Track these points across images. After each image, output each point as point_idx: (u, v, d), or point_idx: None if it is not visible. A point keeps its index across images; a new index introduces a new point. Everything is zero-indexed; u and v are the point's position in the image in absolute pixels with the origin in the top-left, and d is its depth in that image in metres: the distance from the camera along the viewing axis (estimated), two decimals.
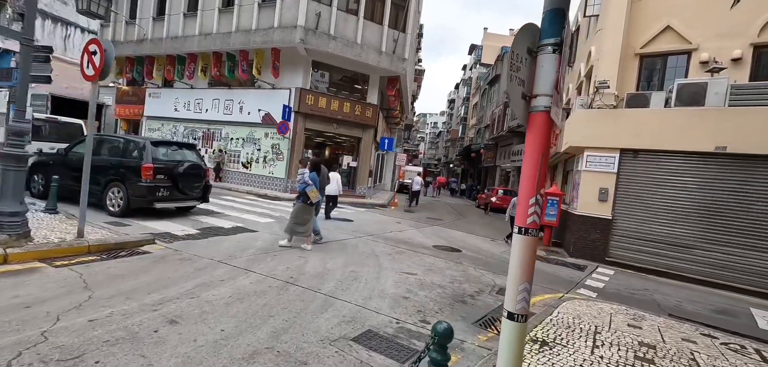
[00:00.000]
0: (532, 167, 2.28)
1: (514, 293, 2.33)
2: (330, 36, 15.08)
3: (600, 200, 9.52)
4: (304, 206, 6.90)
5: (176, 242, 6.38)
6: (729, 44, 9.10)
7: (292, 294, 4.60)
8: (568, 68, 17.06)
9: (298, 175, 7.00)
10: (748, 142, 7.89)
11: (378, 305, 4.65)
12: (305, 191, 6.85)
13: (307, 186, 6.85)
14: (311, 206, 6.93)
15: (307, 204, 6.89)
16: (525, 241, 2.30)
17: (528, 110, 2.34)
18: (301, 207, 6.92)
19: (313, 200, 6.83)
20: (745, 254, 8.10)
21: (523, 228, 2.30)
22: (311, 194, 6.81)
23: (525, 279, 2.32)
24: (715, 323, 5.82)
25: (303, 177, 6.98)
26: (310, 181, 6.92)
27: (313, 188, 6.85)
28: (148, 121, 20.36)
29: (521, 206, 2.32)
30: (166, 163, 8.10)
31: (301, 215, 6.91)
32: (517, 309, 2.34)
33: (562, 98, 2.47)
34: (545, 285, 6.80)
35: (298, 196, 6.97)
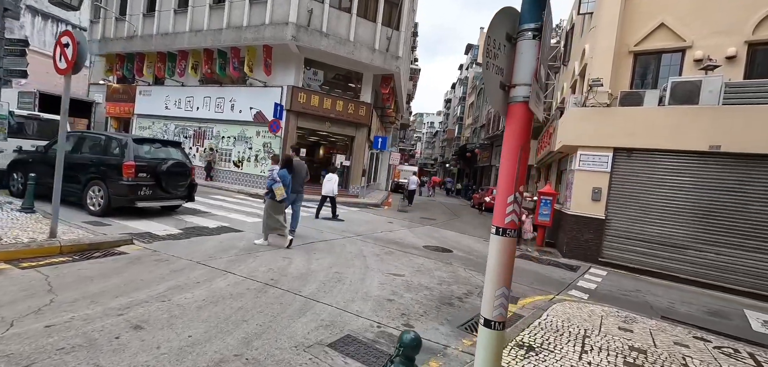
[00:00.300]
0: (510, 162, 2.11)
1: (490, 298, 2.16)
2: (322, 33, 14.88)
3: (593, 199, 9.39)
4: (273, 203, 6.81)
5: (155, 243, 6.18)
6: (724, 42, 8.99)
7: (271, 297, 4.41)
8: (562, 67, 16.97)
9: (268, 172, 6.93)
10: (742, 142, 7.78)
11: (360, 307, 4.47)
12: (272, 188, 6.76)
13: (275, 183, 6.75)
14: (279, 203, 6.82)
15: (274, 201, 6.80)
16: (502, 242, 2.13)
17: (507, 101, 2.17)
18: (270, 204, 6.83)
19: (278, 198, 6.72)
20: (738, 255, 7.99)
21: (500, 228, 2.13)
22: (277, 191, 6.71)
23: (503, 283, 2.15)
24: (709, 325, 5.69)
25: (272, 174, 6.87)
26: (278, 178, 6.80)
27: (279, 185, 6.74)
28: (139, 119, 20.07)
29: (499, 204, 2.15)
30: (148, 161, 7.88)
31: (272, 212, 6.83)
32: (495, 316, 2.17)
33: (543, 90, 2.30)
34: (536, 286, 6.65)
35: (267, 192, 6.89)
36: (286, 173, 7.02)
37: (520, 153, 2.09)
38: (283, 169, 7.04)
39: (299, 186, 8.14)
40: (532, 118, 2.16)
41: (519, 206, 2.14)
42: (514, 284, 6.74)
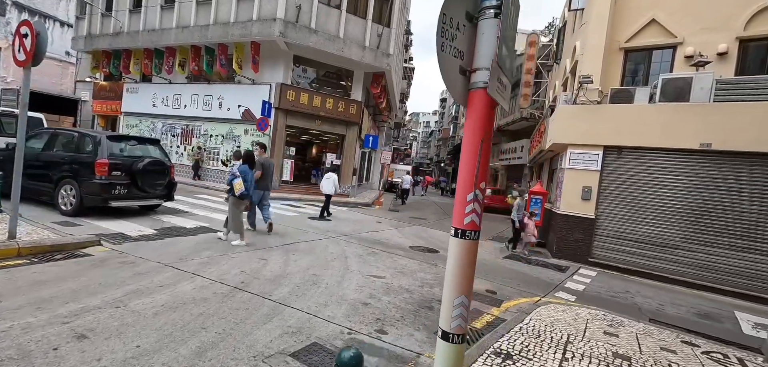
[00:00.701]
0: (470, 156, 1.88)
1: (448, 308, 1.93)
2: (311, 30, 14.61)
3: (583, 198, 9.21)
4: (235, 198, 6.66)
5: (125, 244, 5.91)
6: (715, 38, 8.84)
7: (237, 301, 4.17)
8: (555, 65, 16.81)
9: (229, 167, 6.82)
10: (733, 139, 7.62)
11: (333, 312, 4.24)
12: (231, 184, 6.64)
13: (235, 178, 6.63)
14: (239, 198, 6.68)
15: (235, 196, 6.65)
16: (462, 246, 1.91)
17: (467, 87, 1.95)
18: (233, 200, 6.68)
19: (236, 192, 6.59)
20: (729, 255, 7.84)
21: (459, 230, 1.91)
22: (236, 185, 6.59)
23: (462, 291, 1.92)
24: (698, 328, 5.52)
25: (233, 169, 6.73)
26: (238, 173, 6.65)
27: (239, 180, 6.61)
28: (126, 117, 19.70)
29: (458, 202, 1.93)
30: (123, 159, 7.60)
31: (235, 208, 6.69)
32: (453, 328, 1.95)
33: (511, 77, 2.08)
34: (523, 288, 6.45)
35: (229, 189, 6.75)
36: (247, 169, 6.85)
37: (481, 146, 1.87)
38: (244, 164, 6.88)
39: (268, 182, 8.19)
40: (495, 108, 1.94)
41: (480, 205, 1.92)
42: (500, 285, 6.57)
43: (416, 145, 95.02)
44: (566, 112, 9.64)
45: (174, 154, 18.08)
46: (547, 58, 19.24)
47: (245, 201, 6.88)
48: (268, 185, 8.19)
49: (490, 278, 6.76)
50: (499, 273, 7.29)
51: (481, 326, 4.56)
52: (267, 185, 8.15)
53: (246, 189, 6.68)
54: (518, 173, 23.28)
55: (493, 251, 9.65)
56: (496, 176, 28.27)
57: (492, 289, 6.11)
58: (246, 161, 6.96)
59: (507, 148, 24.57)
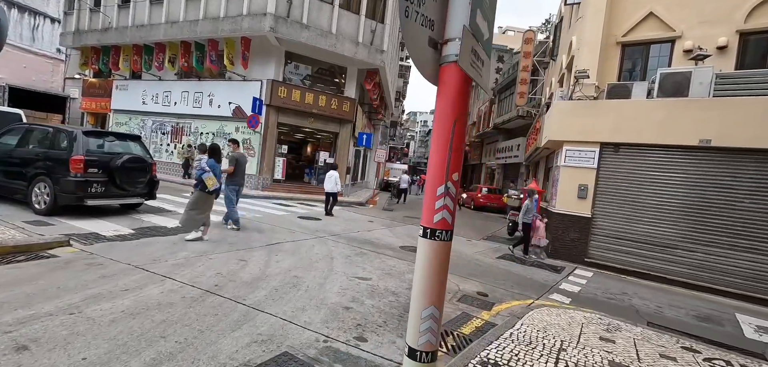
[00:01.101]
0: (441, 142, 1.60)
1: (416, 321, 1.65)
2: (303, 25, 14.30)
3: (579, 197, 8.96)
4: (202, 194, 6.41)
5: (98, 244, 5.61)
6: (714, 31, 8.60)
7: (207, 306, 3.88)
8: (551, 62, 16.57)
9: (195, 161, 6.55)
10: (734, 135, 7.38)
11: (310, 318, 3.96)
12: (201, 179, 6.36)
13: (204, 173, 6.35)
14: (210, 194, 6.46)
15: (205, 193, 6.41)
16: (431, 248, 1.62)
17: (438, 62, 1.67)
18: (198, 196, 6.41)
19: (210, 188, 6.35)
20: (729, 255, 7.61)
21: (428, 229, 1.63)
22: (208, 181, 6.33)
23: (431, 301, 1.64)
24: (698, 332, 5.27)
25: (200, 164, 6.44)
26: (208, 168, 6.39)
27: (210, 174, 6.35)
28: (116, 114, 19.35)
29: (427, 197, 1.65)
30: (100, 155, 7.28)
31: (200, 203, 6.43)
32: (421, 344, 1.67)
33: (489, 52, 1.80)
34: (516, 290, 6.19)
35: (196, 184, 6.47)
36: (215, 163, 6.60)
37: (453, 130, 1.58)
38: (211, 158, 6.61)
39: (241, 178, 8.10)
40: (470, 86, 1.66)
41: (452, 200, 1.64)
42: (492, 287, 6.30)
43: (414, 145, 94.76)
44: (562, 109, 9.38)
45: (164, 152, 17.74)
46: (544, 55, 19.00)
47: (214, 197, 6.62)
48: (241, 181, 8.10)
49: (482, 279, 6.49)
50: (492, 274, 7.02)
51: (470, 331, 4.28)
52: (240, 181, 8.06)
53: (218, 183, 6.47)
54: (515, 172, 23.04)
55: (487, 250, 9.38)
56: (492, 175, 28.03)
57: (483, 291, 5.84)
58: (212, 155, 6.67)
59: (503, 146, 24.32)
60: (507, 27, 52.75)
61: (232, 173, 7.83)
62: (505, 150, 23.99)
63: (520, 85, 19.06)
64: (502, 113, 24.49)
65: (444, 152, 1.57)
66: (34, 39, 26.66)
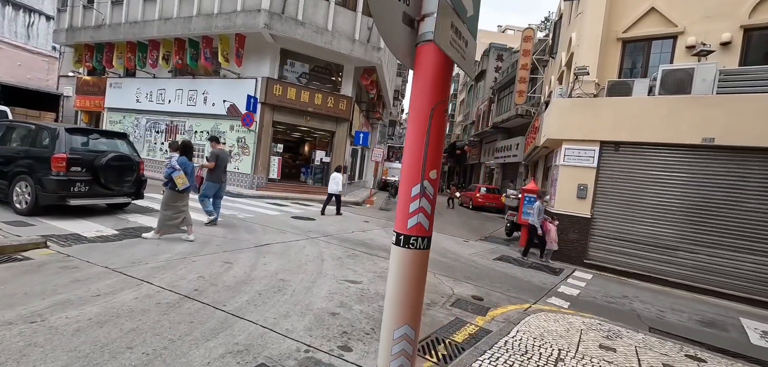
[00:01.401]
0: (417, 134, 1.37)
1: (387, 342, 1.43)
2: (298, 21, 14.06)
3: (578, 197, 8.73)
4: (172, 193, 6.21)
5: (77, 246, 5.38)
6: (717, 27, 8.37)
7: (183, 313, 3.65)
8: (550, 60, 16.33)
9: (166, 159, 6.33)
10: (738, 133, 7.16)
11: (293, 325, 3.73)
12: (171, 177, 6.17)
13: (174, 171, 6.15)
14: (180, 193, 6.27)
15: (175, 191, 6.21)
16: (405, 258, 1.40)
17: (415, 41, 1.44)
18: (169, 195, 6.22)
19: (179, 187, 6.15)
20: (733, 257, 7.38)
21: (402, 236, 1.40)
22: (177, 179, 6.14)
23: (405, 319, 1.41)
24: (702, 338, 5.05)
25: (170, 161, 6.23)
26: (178, 166, 6.18)
27: (180, 173, 6.16)
28: (110, 113, 19.11)
29: (401, 198, 1.42)
30: (84, 153, 7.04)
31: (172, 203, 6.23)
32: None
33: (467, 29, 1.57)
34: (512, 294, 5.96)
35: (166, 182, 6.25)
36: (187, 161, 6.40)
37: (430, 119, 1.36)
38: (182, 156, 6.39)
39: (223, 174, 8.04)
40: (451, 69, 1.43)
41: (430, 202, 1.41)
42: (488, 290, 6.07)
43: None
44: (561, 106, 9.16)
45: (158, 151, 17.51)
46: (544, 53, 18.77)
47: (186, 196, 6.43)
48: (222, 178, 8.05)
49: (478, 282, 6.27)
50: (488, 276, 6.80)
51: (463, 338, 4.06)
52: (221, 178, 8.01)
53: (189, 182, 6.26)
54: (514, 172, 22.82)
55: (484, 252, 9.16)
56: (491, 175, 27.81)
57: (478, 295, 5.61)
58: (184, 152, 6.46)
59: (502, 146, 24.10)
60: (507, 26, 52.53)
61: (213, 170, 7.83)
62: (503, 149, 23.77)
63: (519, 83, 18.83)
64: (502, 112, 24.27)
65: (420, 146, 1.34)
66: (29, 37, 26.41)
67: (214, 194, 7.99)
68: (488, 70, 31.27)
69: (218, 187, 7.96)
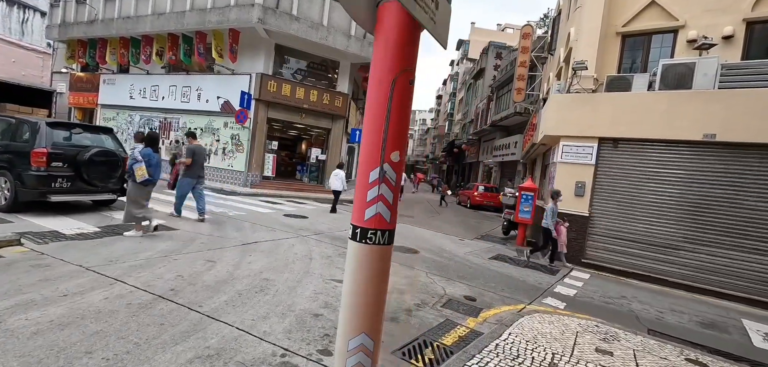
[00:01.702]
0: (377, 108, 1.17)
1: (342, 353, 1.23)
2: (292, 16, 13.84)
3: (576, 194, 8.53)
4: (134, 185, 6.03)
5: (53, 244, 5.17)
6: (719, 20, 8.16)
7: (155, 314, 3.44)
8: (549, 56, 16.12)
9: (131, 150, 6.11)
10: (740, 129, 6.96)
11: (271, 327, 3.52)
12: (132, 169, 5.99)
13: (136, 162, 5.97)
14: (144, 186, 6.10)
15: (138, 184, 6.03)
16: (362, 254, 1.20)
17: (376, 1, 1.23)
18: (132, 187, 6.05)
19: (138, 179, 5.96)
20: (734, 256, 7.19)
21: (358, 229, 1.20)
22: (137, 171, 5.94)
23: (361, 327, 1.22)
24: (703, 341, 4.85)
25: (133, 153, 6.02)
26: (141, 158, 5.99)
27: (141, 165, 5.97)
28: (103, 109, 18.88)
29: (359, 186, 1.22)
30: (66, 148, 6.83)
31: (135, 196, 6.05)
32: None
33: None
34: (507, 294, 5.76)
35: (129, 174, 6.08)
36: (151, 152, 6.19)
37: (391, 90, 1.15)
38: (147, 148, 6.18)
39: (200, 169, 7.98)
40: (418, 33, 1.22)
41: (392, 189, 1.20)
42: (482, 290, 5.86)
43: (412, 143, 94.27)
44: (559, 102, 8.95)
45: None
46: (542, 51, 18.55)
47: (149, 189, 6.25)
48: (200, 173, 8.02)
49: (472, 282, 6.06)
50: (483, 276, 6.60)
51: (452, 341, 3.85)
52: (199, 173, 7.97)
53: (151, 175, 6.06)
54: (512, 170, 22.62)
55: (479, 251, 8.95)
56: (489, 173, 27.60)
57: (471, 295, 5.41)
58: (149, 144, 6.25)
59: (500, 144, 23.89)
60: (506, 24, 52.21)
61: (189, 166, 7.79)
62: (502, 148, 23.56)
63: (517, 81, 18.61)
64: (500, 110, 24.06)
65: (379, 123, 1.14)
66: (24, 33, 26.11)
67: (192, 189, 7.93)
68: (487, 68, 31.04)
69: (194, 182, 7.89)
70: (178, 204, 7.90)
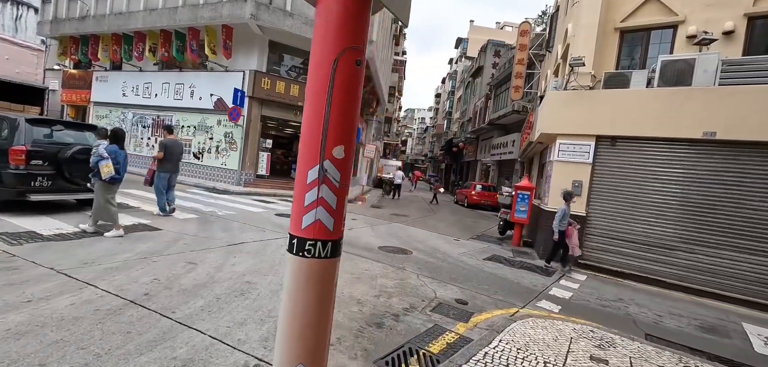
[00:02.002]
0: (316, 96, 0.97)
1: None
2: (286, 12, 13.61)
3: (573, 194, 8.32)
4: (104, 184, 5.82)
5: (29, 245, 4.97)
6: (720, 15, 7.96)
7: (122, 321, 3.25)
8: (547, 54, 15.92)
9: (94, 147, 5.84)
10: (741, 127, 6.77)
11: (247, 334, 3.33)
12: (98, 166, 5.74)
13: (101, 159, 5.72)
14: (111, 183, 5.89)
15: (102, 181, 5.80)
16: (300, 270, 1.01)
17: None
18: (98, 185, 5.83)
19: (104, 176, 5.72)
20: (735, 257, 7.00)
21: (296, 239, 1.00)
22: (103, 169, 5.71)
23: (300, 356, 1.02)
24: (703, 346, 4.67)
25: (98, 150, 5.77)
26: (106, 154, 5.75)
27: (107, 162, 5.74)
28: (96, 107, 18.63)
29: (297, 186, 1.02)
30: (47, 146, 6.62)
31: (103, 194, 5.83)
32: None
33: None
34: (500, 296, 5.57)
35: (94, 172, 5.83)
36: (117, 149, 5.98)
37: (333, 71, 0.95)
38: (112, 144, 5.97)
39: (174, 165, 7.97)
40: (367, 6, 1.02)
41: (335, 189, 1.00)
42: (474, 293, 5.67)
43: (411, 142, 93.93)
44: (555, 99, 8.75)
45: (145, 146, 17.06)
46: (540, 48, 18.34)
47: (116, 187, 6.04)
48: (175, 168, 8.00)
49: (464, 285, 5.87)
50: (476, 278, 6.40)
51: (439, 349, 3.66)
52: (174, 168, 7.95)
53: (117, 172, 5.86)
54: (509, 169, 22.44)
55: (474, 251, 8.76)
56: (487, 172, 27.42)
57: (463, 298, 5.22)
58: (114, 141, 6.03)
59: (498, 143, 23.70)
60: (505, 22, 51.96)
61: (162, 160, 7.72)
62: (499, 146, 23.37)
63: (515, 78, 18.40)
64: (498, 109, 23.86)
65: (319, 113, 0.94)
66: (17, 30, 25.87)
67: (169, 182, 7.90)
68: (485, 66, 30.84)
69: (168, 177, 7.83)
70: (160, 202, 7.75)
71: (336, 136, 0.96)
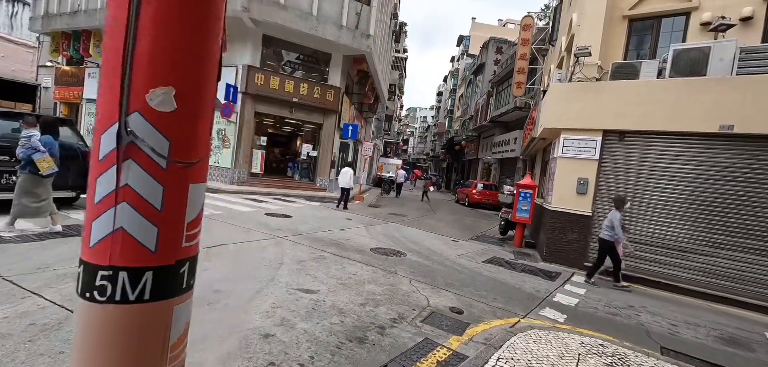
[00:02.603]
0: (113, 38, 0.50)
1: None
2: (280, 5, 13.18)
3: (578, 192, 7.85)
4: (32, 177, 5.24)
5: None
6: (737, 0, 7.45)
7: (58, 339, 2.80)
8: (550, 47, 15.39)
9: (22, 138, 5.20)
10: (761, 120, 6.26)
11: (202, 355, 2.88)
12: (32, 160, 5.19)
13: (37, 152, 5.19)
14: (44, 178, 5.34)
15: (37, 175, 5.25)
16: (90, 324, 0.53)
17: None
18: (28, 179, 5.24)
19: (44, 171, 5.21)
20: (755, 260, 6.50)
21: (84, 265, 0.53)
22: (41, 163, 5.18)
23: None
24: (724, 362, 4.18)
25: (30, 141, 5.20)
26: (41, 146, 5.24)
27: (45, 155, 5.23)
28: (88, 104, 18.29)
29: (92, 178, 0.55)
30: (13, 141, 6.17)
31: (31, 189, 5.27)
32: None
33: None
34: (499, 304, 5.09)
35: (24, 165, 5.24)
36: (52, 140, 5.45)
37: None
38: (46, 135, 5.41)
39: None
40: None
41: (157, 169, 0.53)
42: (471, 300, 5.18)
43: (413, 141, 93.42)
44: (559, 92, 8.25)
45: None
46: (543, 43, 17.82)
47: (50, 181, 5.47)
48: None
49: (460, 291, 5.40)
50: (473, 283, 5.93)
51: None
52: None
53: (57, 165, 5.41)
54: (511, 167, 21.93)
55: (473, 253, 8.29)
56: (489, 170, 26.90)
57: (458, 306, 4.74)
58: (45, 130, 5.46)
59: (500, 140, 23.19)
60: (507, 19, 51.34)
61: None
62: (501, 144, 22.86)
63: (517, 74, 17.89)
64: (500, 106, 23.34)
65: (115, 60, 0.47)
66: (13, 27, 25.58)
67: None
68: (487, 63, 30.32)
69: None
70: None
71: (155, 64, 0.50)
